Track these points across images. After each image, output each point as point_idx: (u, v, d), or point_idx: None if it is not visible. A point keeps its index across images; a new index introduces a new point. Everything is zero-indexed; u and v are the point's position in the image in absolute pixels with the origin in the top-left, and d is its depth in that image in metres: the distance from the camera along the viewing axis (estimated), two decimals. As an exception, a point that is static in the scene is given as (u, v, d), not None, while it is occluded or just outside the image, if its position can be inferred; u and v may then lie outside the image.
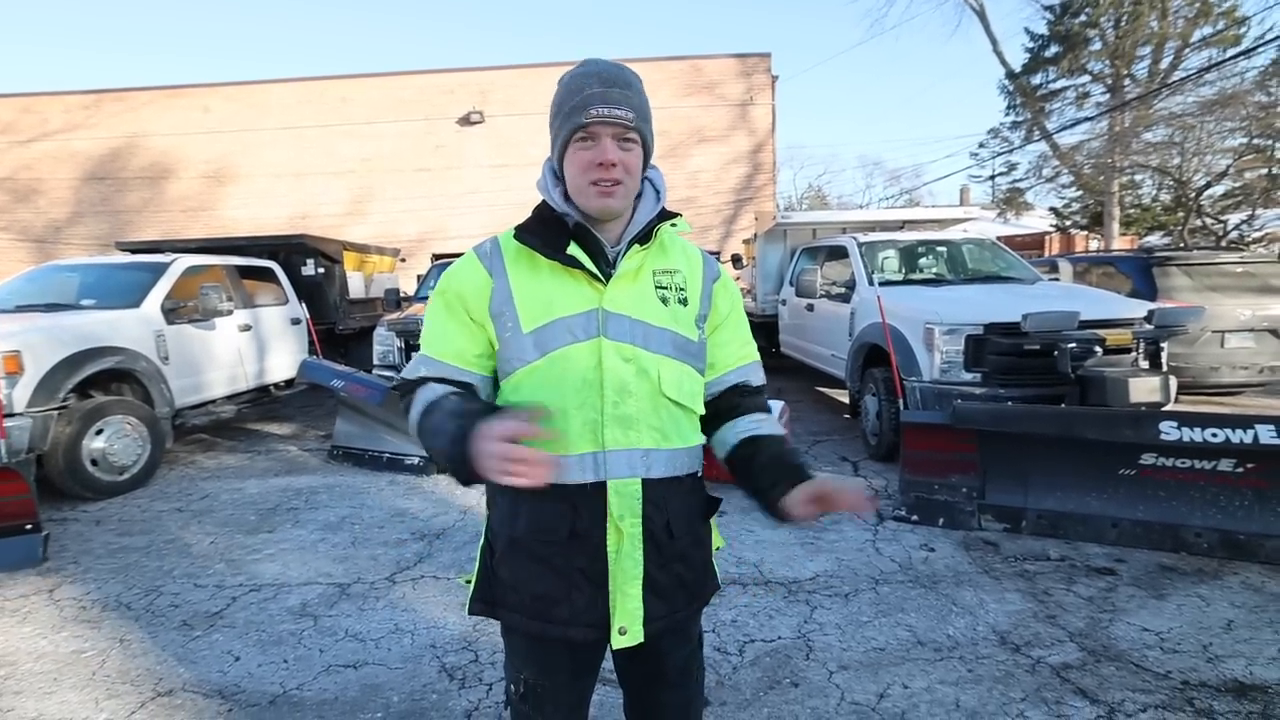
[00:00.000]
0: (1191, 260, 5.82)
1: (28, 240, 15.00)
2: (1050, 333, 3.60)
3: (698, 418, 1.06)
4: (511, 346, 0.97)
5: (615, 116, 0.92)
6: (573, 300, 0.96)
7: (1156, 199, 16.60)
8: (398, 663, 2.15)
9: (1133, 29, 14.37)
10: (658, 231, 1.01)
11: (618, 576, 0.97)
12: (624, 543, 0.96)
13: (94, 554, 3.16)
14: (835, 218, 7.55)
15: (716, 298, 1.09)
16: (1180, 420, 2.69)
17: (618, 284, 0.97)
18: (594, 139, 0.93)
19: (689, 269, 1.06)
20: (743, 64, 14.68)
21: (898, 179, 34.27)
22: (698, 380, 1.05)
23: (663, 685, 1.14)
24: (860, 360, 4.70)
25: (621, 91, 0.94)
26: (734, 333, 1.12)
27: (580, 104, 0.93)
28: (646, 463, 0.97)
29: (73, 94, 14.91)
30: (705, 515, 1.10)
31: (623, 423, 0.95)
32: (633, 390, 0.96)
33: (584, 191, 0.95)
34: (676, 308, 1.01)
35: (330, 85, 14.79)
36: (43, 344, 3.86)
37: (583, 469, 0.95)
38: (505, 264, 1.00)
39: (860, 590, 2.57)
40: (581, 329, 0.95)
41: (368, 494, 3.98)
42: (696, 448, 1.06)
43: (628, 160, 0.95)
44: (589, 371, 0.94)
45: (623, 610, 0.97)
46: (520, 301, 0.97)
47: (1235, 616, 2.28)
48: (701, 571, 1.08)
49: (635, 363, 0.96)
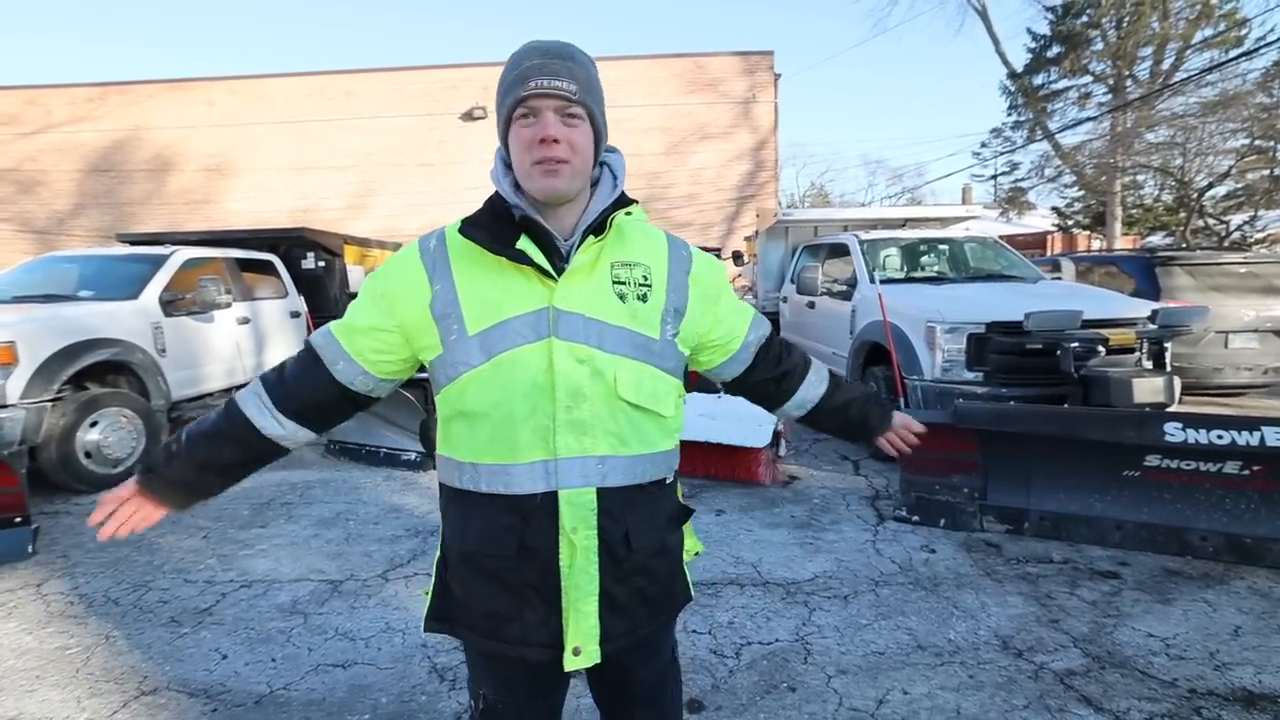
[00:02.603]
0: (1195, 260, 5.77)
1: (30, 231, 15.00)
2: (1053, 332, 3.56)
3: (670, 421, 0.99)
4: (457, 350, 0.90)
5: (555, 88, 0.85)
6: (522, 299, 0.89)
7: (1159, 199, 16.53)
8: (388, 662, 2.11)
9: (1134, 30, 14.31)
10: (612, 221, 0.93)
11: (571, 593, 0.91)
12: (577, 556, 0.90)
13: (84, 548, 3.12)
14: (837, 215, 7.50)
15: (698, 282, 1.02)
16: (1185, 421, 2.64)
17: (570, 280, 0.90)
18: (535, 114, 0.86)
19: (653, 260, 0.98)
20: (745, 62, 14.62)
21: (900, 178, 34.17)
22: (662, 381, 0.96)
23: (634, 702, 1.10)
24: (861, 358, 4.66)
25: (563, 63, 0.86)
26: (730, 303, 1.10)
27: (519, 77, 0.86)
28: (602, 470, 0.91)
29: (78, 86, 14.91)
30: (673, 524, 1.04)
31: (576, 428, 0.89)
32: (587, 394, 0.89)
33: (528, 173, 0.88)
34: (635, 304, 0.93)
35: (334, 80, 14.75)
36: (38, 335, 3.83)
37: (533, 478, 0.89)
38: (450, 262, 0.93)
39: (860, 592, 2.53)
40: (531, 329, 0.88)
41: (363, 489, 3.94)
42: (663, 454, 0.99)
43: (572, 137, 0.87)
44: (539, 375, 0.88)
45: (576, 629, 0.91)
46: (466, 302, 0.90)
47: (1243, 623, 2.24)
48: (668, 584, 1.02)
49: (590, 364, 0.89)
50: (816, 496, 3.68)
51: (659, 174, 14.66)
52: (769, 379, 1.17)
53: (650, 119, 14.44)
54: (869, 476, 4.02)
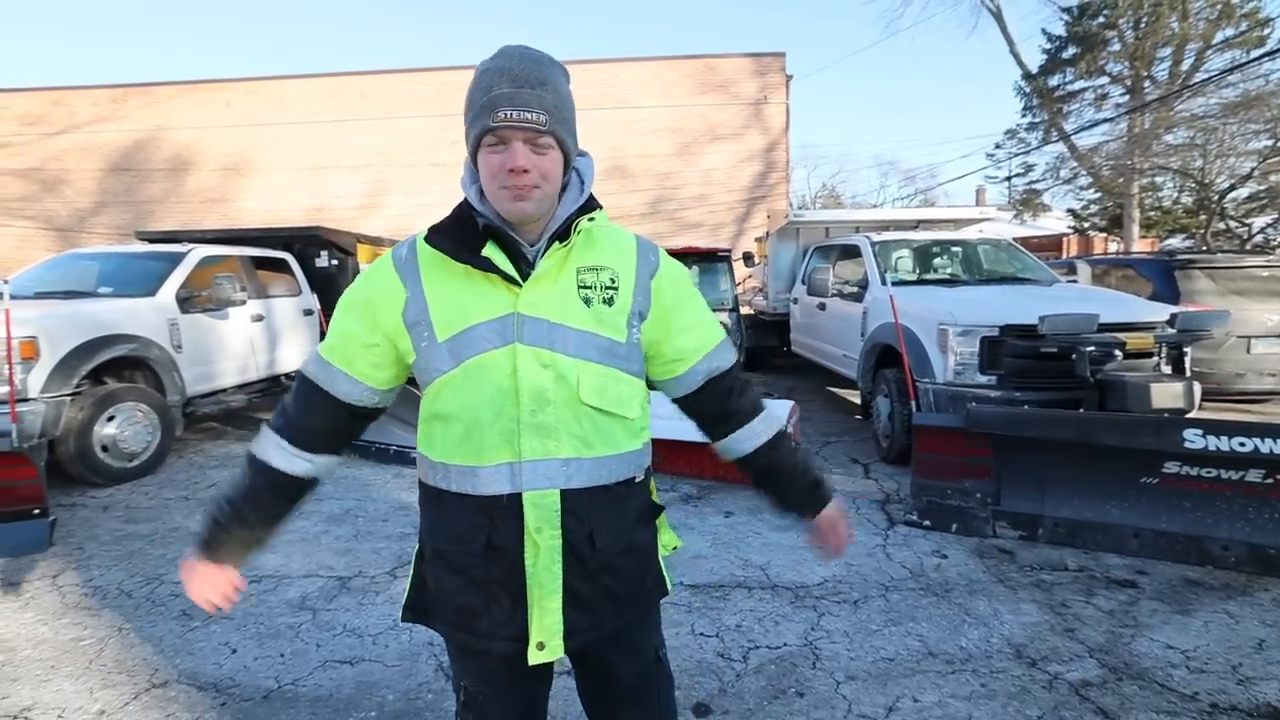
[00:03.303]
0: (1215, 263, 5.65)
1: (52, 229, 15.31)
2: (1068, 336, 3.50)
3: (636, 422, 1.00)
4: (428, 356, 0.93)
5: (525, 120, 0.85)
6: (487, 305, 0.91)
7: (1178, 201, 16.24)
8: (394, 660, 2.11)
9: (1153, 30, 14.08)
10: (577, 226, 0.93)
11: (535, 590, 0.93)
12: (541, 555, 0.92)
13: (99, 540, 3.17)
14: (848, 216, 7.45)
15: (659, 290, 1.01)
16: (1205, 428, 2.58)
17: (535, 286, 0.91)
18: (504, 143, 0.87)
19: (620, 264, 0.98)
20: (757, 63, 14.59)
21: (913, 179, 33.84)
22: (628, 384, 0.98)
23: (617, 701, 1.10)
24: (872, 361, 4.62)
25: (533, 92, 0.86)
26: (689, 318, 1.05)
27: (488, 104, 0.86)
28: (567, 473, 0.92)
29: (101, 88, 15.21)
30: (644, 522, 1.04)
31: (540, 431, 0.91)
32: (551, 398, 0.91)
33: (497, 196, 0.90)
34: (600, 308, 0.94)
35: (349, 81, 14.92)
36: (59, 330, 3.90)
37: (498, 480, 0.91)
38: (420, 270, 0.94)
39: (870, 597, 2.50)
40: (497, 335, 0.90)
41: (373, 486, 3.97)
42: (631, 454, 0.99)
43: (542, 164, 0.88)
44: (504, 379, 0.90)
45: (540, 625, 0.93)
46: (435, 309, 0.92)
47: (1267, 636, 2.18)
48: (636, 580, 1.03)
49: (553, 368, 0.91)
50: (826, 500, 3.65)
51: (670, 175, 14.65)
52: (713, 414, 1.10)
53: (661, 120, 14.44)
54: (880, 480, 3.98)
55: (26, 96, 15.14)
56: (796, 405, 4.08)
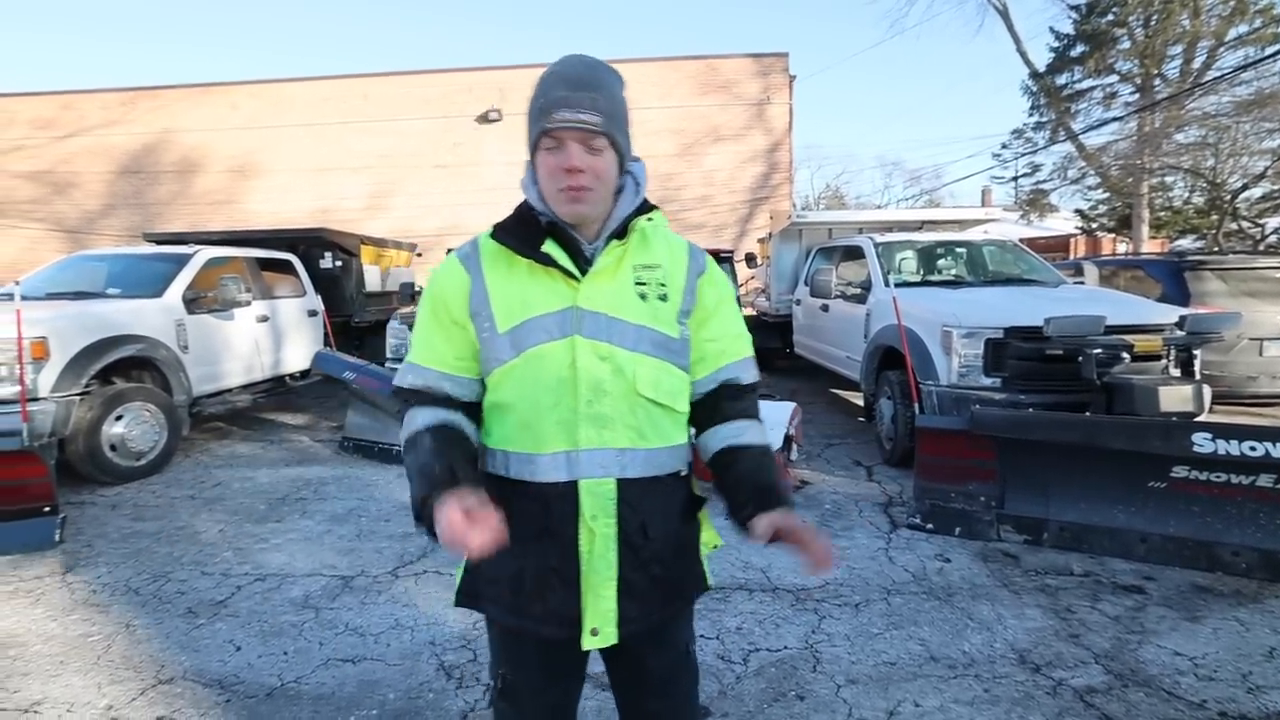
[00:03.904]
0: (1226, 264, 5.59)
1: (62, 230, 15.46)
2: (1074, 338, 3.47)
3: (683, 416, 1.04)
4: (490, 346, 0.97)
5: (580, 121, 0.90)
6: (548, 298, 0.95)
7: (1189, 201, 16.08)
8: (396, 659, 2.12)
9: (1163, 28, 13.92)
10: (634, 226, 0.99)
11: (590, 577, 0.95)
12: (596, 543, 0.95)
13: (108, 538, 3.20)
14: (851, 217, 7.43)
15: (701, 291, 1.05)
16: (1215, 432, 2.56)
17: (593, 281, 0.96)
18: (560, 144, 0.91)
19: (671, 262, 1.03)
20: (759, 64, 14.55)
21: (917, 179, 33.69)
22: (679, 378, 1.02)
23: (648, 692, 1.12)
24: (875, 362, 4.60)
25: (589, 95, 0.91)
26: (722, 326, 1.07)
27: (546, 106, 0.91)
28: (621, 462, 0.95)
29: (110, 91, 15.35)
30: (688, 515, 1.07)
31: (597, 421, 0.94)
32: (608, 389, 0.94)
33: (554, 197, 0.95)
34: (656, 304, 0.98)
35: (352, 83, 14.99)
36: (68, 331, 3.94)
37: (555, 468, 0.94)
38: (483, 264, 0.99)
39: (871, 600, 2.49)
40: (556, 327, 0.94)
41: (376, 486, 3.99)
42: (679, 447, 1.03)
43: (596, 165, 0.92)
44: (563, 370, 0.93)
45: (594, 611, 0.96)
46: (496, 301, 0.96)
47: (1278, 644, 2.16)
48: (683, 572, 1.05)
49: (611, 361, 0.94)
50: (828, 502, 3.64)
51: (672, 175, 14.62)
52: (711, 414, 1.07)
53: (664, 121, 14.42)
54: (883, 483, 3.96)
55: (37, 101, 15.30)
56: (799, 407, 4.06)
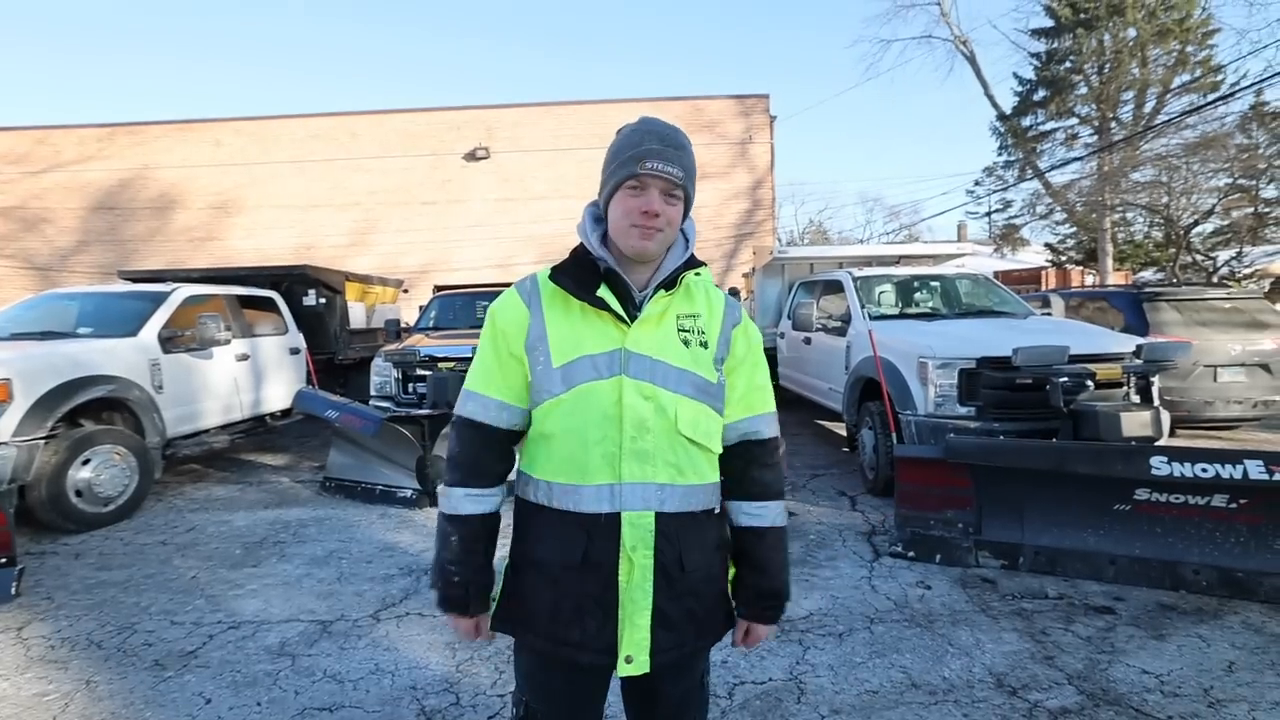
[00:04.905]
0: (1180, 295, 5.89)
1: (32, 268, 15.16)
2: (1040, 367, 3.61)
3: (716, 456, 1.10)
4: (543, 379, 1.04)
5: (668, 173, 1.00)
6: (599, 339, 1.03)
7: (1148, 236, 16.88)
8: (375, 705, 2.07)
9: (1115, 75, 14.89)
10: (683, 279, 1.07)
11: (627, 606, 1.00)
12: (635, 573, 1.00)
13: (69, 589, 3.08)
14: (832, 253, 7.68)
15: (735, 341, 1.12)
16: (1170, 455, 2.67)
17: (641, 326, 1.03)
18: (643, 189, 1.01)
19: (710, 312, 1.11)
20: (741, 104, 15.14)
21: (897, 214, 34.84)
22: (716, 420, 1.09)
23: (659, 717, 1.16)
24: (856, 394, 4.70)
25: (676, 151, 1.02)
26: (749, 378, 1.14)
27: (637, 155, 1.01)
28: (661, 497, 1.01)
29: (87, 127, 15.30)
30: (721, 551, 1.12)
31: (640, 457, 1.00)
32: (650, 426, 1.01)
33: (625, 232, 1.03)
34: (698, 350, 1.06)
35: (340, 121, 15.18)
36: (33, 372, 3.84)
37: (599, 499, 1.00)
38: (542, 302, 1.07)
39: (855, 629, 2.51)
40: (605, 366, 1.01)
41: (358, 527, 3.91)
42: (713, 485, 1.09)
43: (670, 213, 1.03)
44: (610, 407, 1.00)
45: (630, 640, 1.00)
46: (553, 338, 1.04)
47: (1236, 658, 2.22)
48: (714, 606, 1.10)
49: (654, 400, 1.01)
50: (813, 532, 3.67)
51: (656, 212, 14.94)
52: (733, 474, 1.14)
53: (647, 159, 14.79)
54: (865, 512, 4.01)
55: (10, 136, 15.18)
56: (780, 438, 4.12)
